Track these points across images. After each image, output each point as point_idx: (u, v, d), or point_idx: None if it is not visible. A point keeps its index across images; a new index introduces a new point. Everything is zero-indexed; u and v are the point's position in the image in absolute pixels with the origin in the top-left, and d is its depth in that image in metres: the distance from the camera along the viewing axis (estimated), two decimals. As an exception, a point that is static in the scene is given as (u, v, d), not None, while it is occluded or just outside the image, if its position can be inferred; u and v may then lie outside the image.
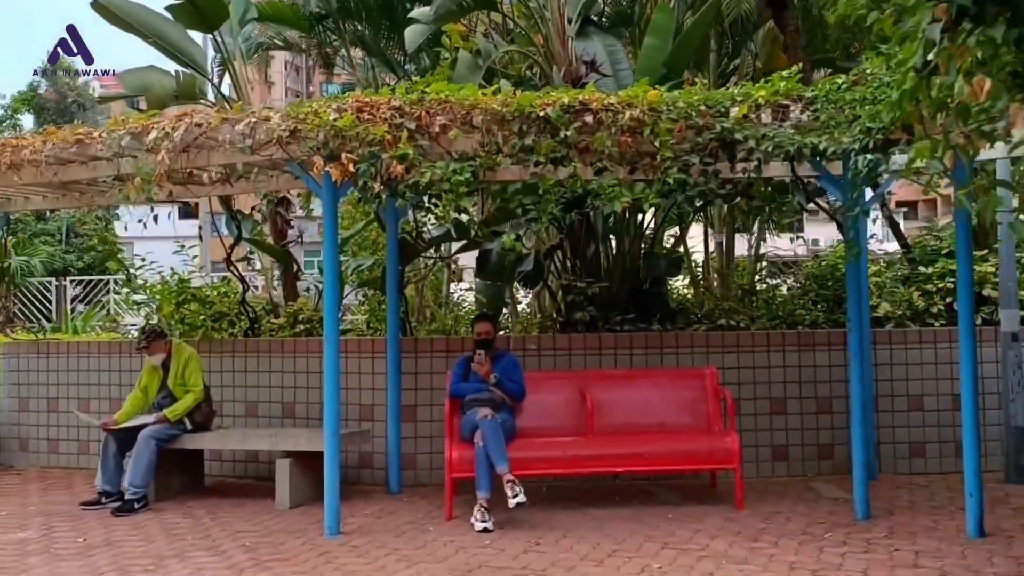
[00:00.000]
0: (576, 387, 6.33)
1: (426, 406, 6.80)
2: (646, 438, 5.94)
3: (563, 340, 6.87)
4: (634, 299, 7.42)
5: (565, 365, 6.82)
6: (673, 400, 6.38)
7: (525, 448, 5.77)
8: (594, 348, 6.85)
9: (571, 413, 6.27)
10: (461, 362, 6.19)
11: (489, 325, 6.18)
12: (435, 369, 6.80)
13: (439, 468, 6.34)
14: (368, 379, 6.92)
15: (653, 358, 6.84)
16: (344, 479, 6.77)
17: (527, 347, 6.83)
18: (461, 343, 6.84)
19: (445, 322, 7.50)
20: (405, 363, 6.77)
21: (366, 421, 6.88)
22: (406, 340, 6.88)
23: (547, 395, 6.33)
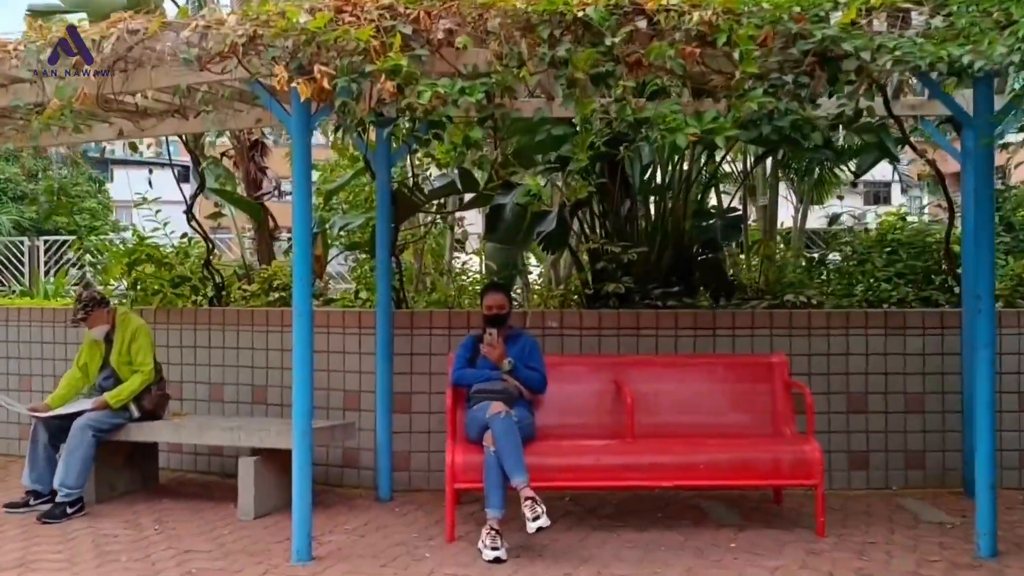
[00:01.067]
0: (610, 376, 5.15)
1: (423, 394, 5.62)
2: (701, 443, 4.76)
3: (592, 317, 5.67)
4: (679, 268, 6.21)
5: (594, 348, 5.63)
6: (733, 394, 5.20)
7: (547, 453, 4.60)
8: (630, 328, 5.65)
9: (604, 409, 5.09)
10: (467, 343, 4.99)
11: (503, 297, 4.98)
12: (435, 349, 5.61)
13: (439, 470, 5.18)
14: (354, 360, 5.74)
15: (703, 342, 5.64)
16: (323, 480, 5.65)
17: (547, 325, 5.63)
18: (467, 319, 5.65)
19: (447, 293, 6.29)
20: (398, 342, 5.59)
21: (351, 411, 5.71)
22: (400, 314, 5.68)
23: (574, 386, 5.15)
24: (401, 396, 5.62)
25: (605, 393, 5.13)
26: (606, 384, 5.15)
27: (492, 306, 4.93)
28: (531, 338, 5.07)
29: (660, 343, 5.66)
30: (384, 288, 5.47)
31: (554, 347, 5.59)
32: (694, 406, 5.16)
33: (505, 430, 4.40)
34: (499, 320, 4.92)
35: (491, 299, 4.96)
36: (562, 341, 5.64)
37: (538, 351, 5.00)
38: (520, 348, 4.95)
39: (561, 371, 5.14)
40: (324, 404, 5.78)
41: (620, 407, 5.01)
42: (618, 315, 5.70)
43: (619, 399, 5.07)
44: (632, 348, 5.65)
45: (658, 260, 6.20)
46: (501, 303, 4.94)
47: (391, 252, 5.50)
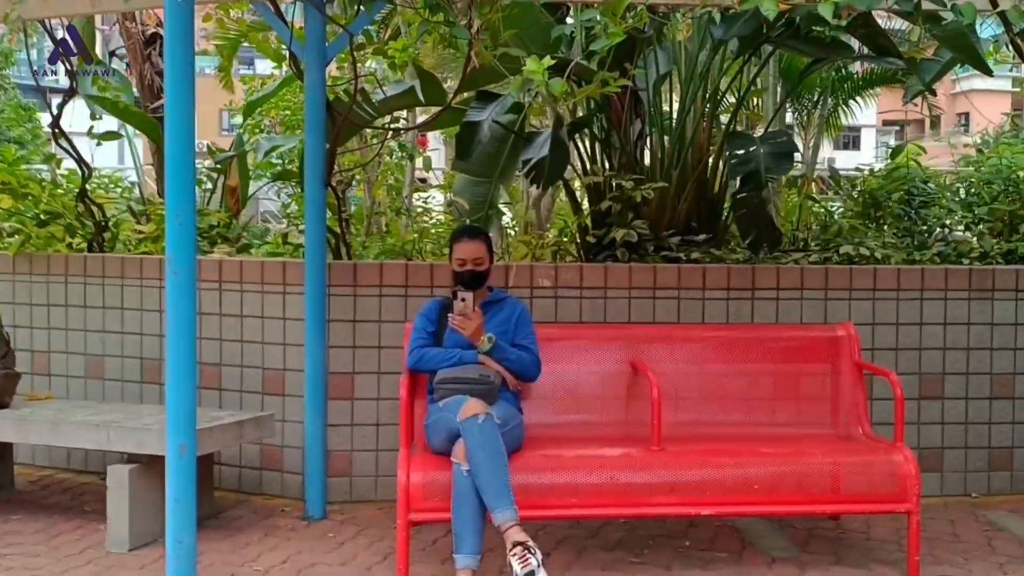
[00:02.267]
0: (624, 355, 3.87)
1: (369, 375, 4.27)
2: (752, 453, 3.51)
3: (595, 274, 4.33)
4: (703, 210, 4.89)
5: (598, 314, 4.32)
6: (786, 381, 3.96)
7: (542, 468, 3.32)
8: (644, 288, 4.35)
9: (617, 402, 3.83)
10: (430, 310, 3.65)
11: (481, 247, 3.61)
12: (387, 315, 4.26)
13: (390, 475, 3.89)
14: (276, 328, 4.35)
15: (739, 307, 4.38)
16: (235, 487, 4.33)
17: (536, 284, 4.28)
18: (430, 273, 4.29)
19: (404, 239, 4.88)
20: (337, 304, 4.22)
21: (273, 396, 4.35)
22: (339, 267, 4.29)
23: (576, 368, 3.87)
24: (339, 377, 4.26)
25: (618, 379, 3.84)
26: (619, 366, 3.86)
27: (466, 260, 3.57)
28: (519, 304, 3.72)
29: (683, 308, 4.37)
30: (316, 231, 4.06)
31: (545, 313, 4.27)
32: (735, 397, 3.91)
33: (484, 441, 3.09)
34: (476, 280, 3.57)
35: (465, 249, 3.59)
36: (556, 305, 4.31)
37: (529, 322, 3.67)
38: (504, 319, 3.62)
39: (558, 348, 3.83)
40: (236, 386, 4.41)
41: (638, 399, 3.74)
42: (629, 271, 4.37)
43: (636, 387, 3.79)
44: (647, 314, 4.34)
45: (676, 199, 4.85)
46: (479, 256, 3.58)
47: (326, 182, 4.08)
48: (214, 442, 3.72)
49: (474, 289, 3.56)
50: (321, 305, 4.10)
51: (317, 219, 4.06)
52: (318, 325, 4.09)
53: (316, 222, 4.06)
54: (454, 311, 3.47)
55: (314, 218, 4.06)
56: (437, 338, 3.60)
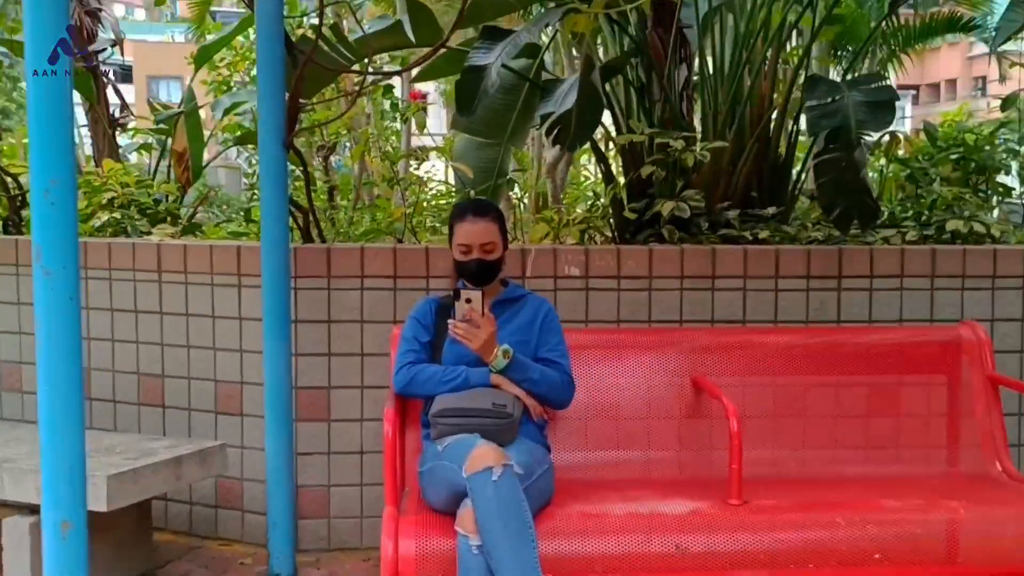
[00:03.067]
0: (682, 367, 2.97)
1: (350, 389, 3.37)
2: (866, 502, 2.58)
3: (636, 259, 3.41)
4: (768, 176, 3.96)
5: (640, 311, 3.39)
6: (895, 399, 3.03)
7: (582, 532, 2.46)
8: (700, 276, 3.43)
9: (673, 431, 2.90)
10: (426, 311, 2.76)
11: (492, 227, 2.68)
12: (371, 312, 3.36)
13: (378, 515, 3.01)
14: (230, 330, 3.44)
15: (821, 300, 3.45)
16: (186, 530, 3.42)
17: (561, 273, 3.36)
18: (424, 259, 3.36)
19: (394, 215, 3.93)
20: (306, 300, 3.31)
21: (229, 416, 3.44)
22: (307, 252, 3.36)
23: (616, 386, 2.97)
24: (310, 394, 3.35)
25: (672, 400, 2.93)
26: (674, 383, 2.95)
27: (471, 245, 2.64)
28: (543, 303, 2.79)
29: (750, 303, 3.44)
30: (273, 204, 3.13)
31: (573, 311, 3.35)
32: (825, 424, 2.99)
33: (502, 505, 2.19)
34: (485, 272, 2.65)
35: (470, 231, 2.66)
36: (586, 301, 3.39)
37: (558, 329, 2.74)
38: (524, 323, 2.70)
39: (591, 359, 2.93)
40: (182, 403, 3.51)
41: (701, 427, 2.83)
42: (680, 255, 3.43)
43: (698, 412, 2.88)
44: (703, 311, 3.42)
45: (732, 163, 3.91)
46: (489, 239, 2.65)
47: (284, 142, 3.13)
48: (140, 489, 2.82)
49: (483, 285, 2.64)
50: (282, 301, 3.17)
51: (274, 189, 3.13)
52: (279, 327, 3.17)
53: (273, 193, 3.13)
54: (456, 315, 2.55)
55: (271, 188, 3.13)
56: (434, 350, 2.68)
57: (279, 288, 3.18)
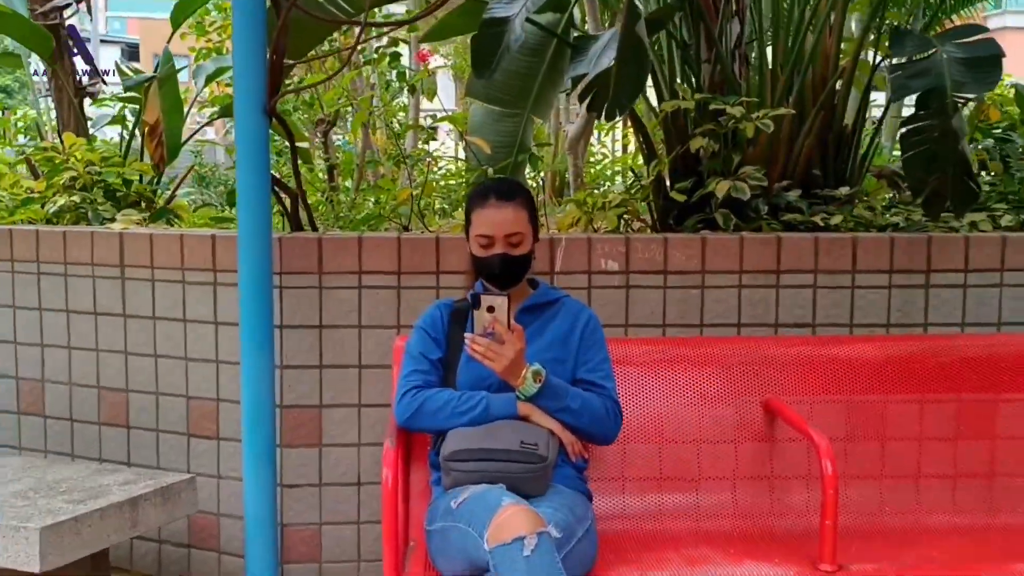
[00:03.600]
0: (746, 384, 2.40)
1: (346, 408, 2.85)
2: (997, 567, 2.02)
3: (687, 250, 2.86)
4: (833, 151, 3.41)
5: (690, 316, 2.83)
6: (1008, 424, 2.46)
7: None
8: (762, 269, 2.89)
9: (745, 470, 2.34)
10: (436, 318, 2.25)
11: (520, 214, 2.13)
12: (370, 316, 2.85)
13: (375, 559, 2.49)
14: (204, 337, 2.93)
15: (906, 298, 2.92)
16: (154, 570, 2.91)
17: (596, 267, 2.81)
18: (435, 252, 2.81)
19: (399, 198, 3.36)
20: (293, 301, 2.79)
21: (203, 439, 2.92)
22: (294, 243, 2.82)
23: (667, 410, 2.41)
24: (299, 413, 2.81)
25: (740, 430, 2.37)
26: (742, 406, 2.39)
27: (494, 236, 2.10)
28: (583, 309, 2.25)
29: (821, 302, 2.89)
30: (252, 186, 2.58)
31: (610, 313, 2.80)
32: (940, 454, 2.43)
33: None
34: (511, 270, 2.11)
35: (493, 219, 2.13)
36: (626, 301, 2.83)
37: (601, 342, 2.19)
38: (559, 336, 2.16)
39: (635, 375, 2.41)
40: (149, 423, 3.00)
41: (780, 466, 2.28)
42: (740, 244, 2.88)
43: (771, 442, 2.32)
44: (765, 312, 2.88)
45: (791, 135, 3.34)
46: (516, 229, 2.11)
47: (266, 108, 2.58)
48: (83, 542, 2.29)
49: (508, 287, 2.10)
50: (263, 302, 2.63)
51: (253, 166, 2.58)
52: (259, 333, 2.63)
53: (252, 170, 2.58)
54: (475, 326, 2.00)
55: (249, 164, 2.58)
56: (446, 370, 2.14)
57: (259, 286, 2.63)
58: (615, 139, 11.52)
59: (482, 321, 1.97)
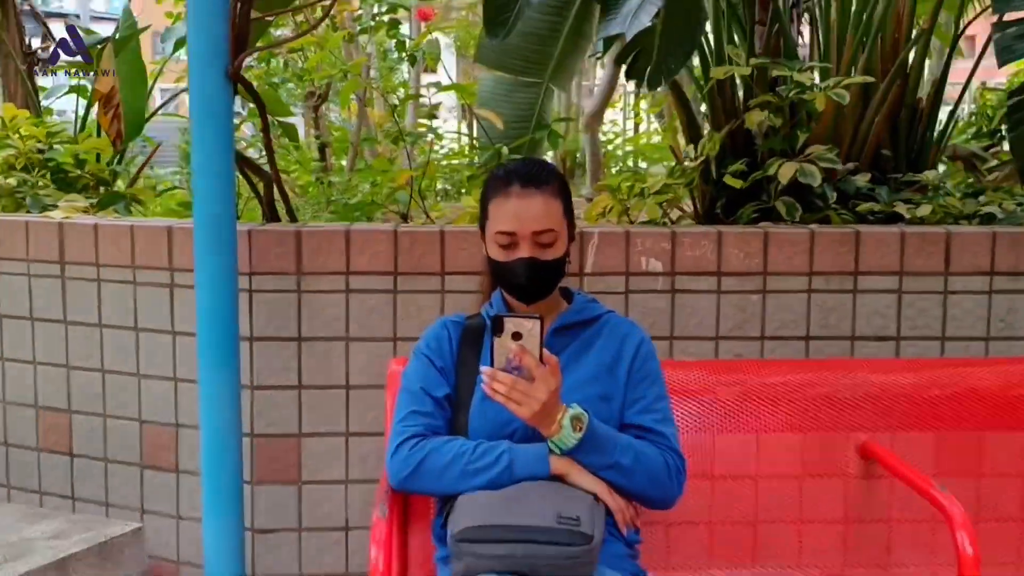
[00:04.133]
0: (834, 420, 1.84)
1: (332, 437, 2.35)
2: None
3: (745, 247, 2.34)
4: (905, 129, 2.90)
5: (750, 328, 2.31)
6: None
7: None
8: (836, 271, 2.36)
9: (838, 537, 1.81)
10: (441, 341, 1.75)
11: (553, 205, 1.62)
12: (361, 327, 2.31)
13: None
14: (161, 349, 2.43)
15: (1007, 305, 2.35)
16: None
17: (635, 268, 2.28)
18: (439, 252, 2.29)
19: (396, 181, 2.82)
20: (266, 310, 2.27)
21: (161, 472, 2.40)
22: (266, 236, 2.28)
23: (733, 456, 1.86)
24: (273, 444, 2.31)
25: (830, 483, 1.85)
26: (830, 449, 1.86)
27: (518, 235, 1.59)
28: (633, 330, 1.72)
29: (907, 311, 2.37)
30: (212, 165, 2.05)
31: (654, 325, 2.29)
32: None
33: None
34: (542, 279, 1.59)
35: (519, 210, 1.61)
36: (671, 309, 2.32)
37: (656, 374, 1.66)
38: (604, 366, 1.65)
39: (691, 410, 1.87)
40: (96, 451, 2.50)
41: (879, 530, 1.76)
42: (810, 240, 2.34)
43: (872, 500, 1.81)
44: (839, 323, 2.35)
45: (859, 111, 2.82)
46: (548, 224, 1.60)
47: (231, 72, 2.05)
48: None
49: (537, 301, 1.58)
50: (227, 309, 2.12)
51: (212, 141, 2.06)
52: (222, 347, 2.13)
53: (212, 147, 2.06)
54: (494, 356, 1.47)
55: (208, 139, 2.06)
56: (455, 411, 1.62)
57: (221, 290, 2.12)
58: (627, 116, 10.93)
59: (505, 351, 1.45)
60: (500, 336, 1.44)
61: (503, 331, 1.44)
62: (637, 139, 9.79)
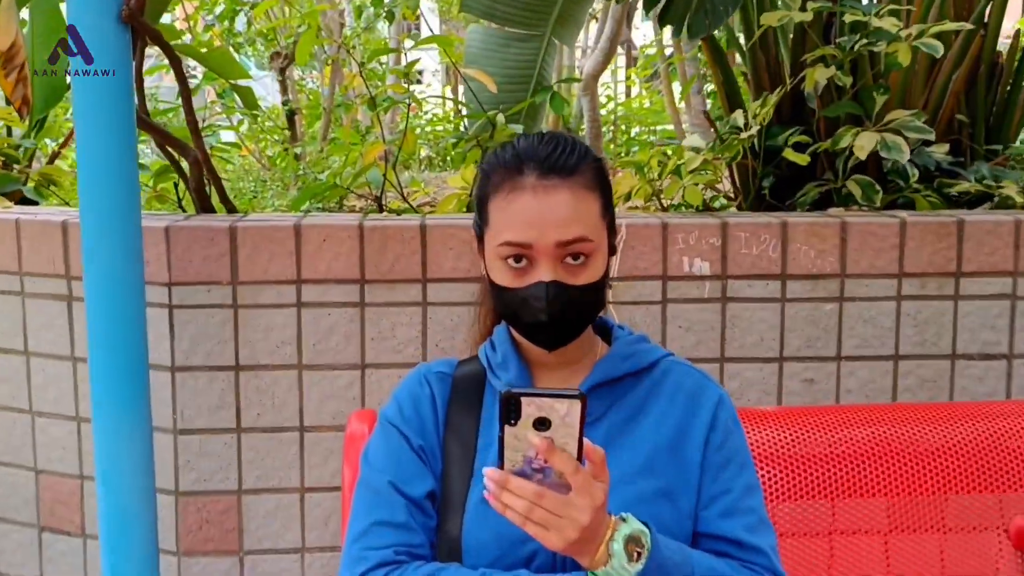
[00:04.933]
0: (972, 481, 1.27)
1: (282, 493, 1.79)
2: None
3: (815, 240, 1.75)
4: (990, 94, 2.32)
5: (822, 344, 1.75)
6: None
7: None
8: (933, 273, 1.77)
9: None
10: (420, 401, 1.15)
11: (588, 198, 1.04)
12: (316, 353, 1.76)
13: None
14: (60, 380, 1.79)
15: None
16: None
17: (676, 271, 1.70)
18: (419, 243, 1.68)
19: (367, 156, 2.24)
20: (192, 330, 1.71)
21: (60, 536, 1.82)
22: (190, 233, 1.69)
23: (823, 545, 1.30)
24: (206, 504, 1.75)
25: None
26: (969, 531, 1.30)
27: (534, 248, 1.05)
28: (701, 384, 1.13)
29: (1021, 324, 1.79)
30: (102, 139, 1.45)
31: (700, 340, 1.73)
32: None
33: None
34: (569, 316, 1.04)
35: (534, 214, 1.05)
36: (723, 320, 1.76)
37: (741, 451, 1.08)
38: (665, 444, 1.08)
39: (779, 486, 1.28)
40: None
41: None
42: (900, 230, 1.78)
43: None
44: (939, 339, 1.79)
45: (931, 74, 2.25)
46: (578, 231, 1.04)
47: (125, 15, 1.44)
48: None
49: (563, 344, 1.04)
50: (132, 330, 1.56)
51: (103, 105, 1.46)
52: (125, 380, 1.56)
53: (100, 113, 1.46)
54: (502, 451, 0.89)
55: (93, 104, 1.46)
56: (442, 513, 1.04)
57: (122, 305, 1.55)
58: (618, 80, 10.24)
59: (522, 445, 0.88)
60: (515, 425, 0.87)
61: (517, 417, 0.87)
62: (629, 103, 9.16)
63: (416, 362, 1.74)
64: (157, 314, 1.71)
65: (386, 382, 1.74)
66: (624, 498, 1.01)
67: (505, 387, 1.02)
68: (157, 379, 1.72)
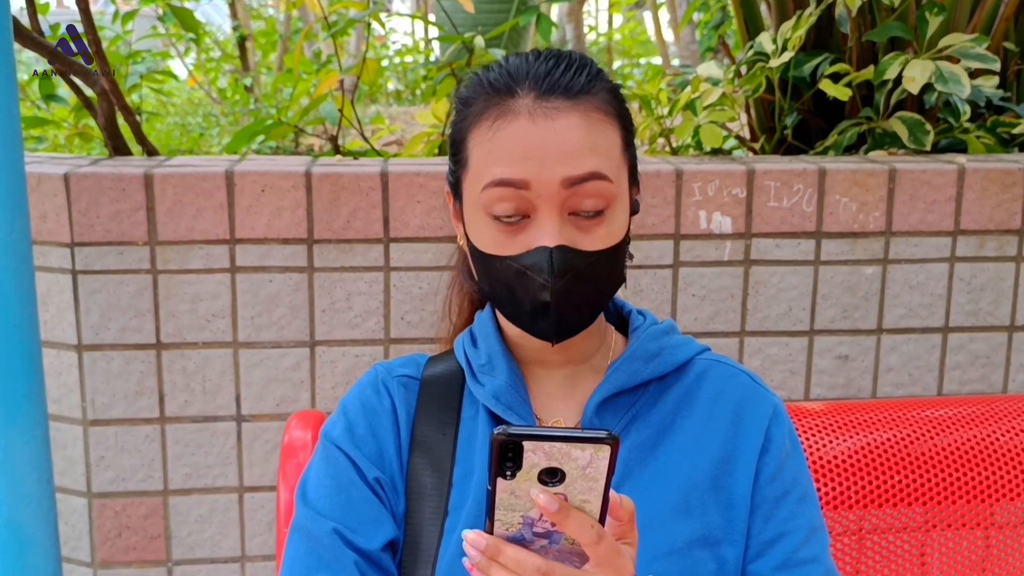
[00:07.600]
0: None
1: (216, 494, 1.53)
2: None
3: (857, 190, 1.46)
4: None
5: (860, 313, 1.51)
6: None
7: None
8: (992, 229, 1.54)
9: None
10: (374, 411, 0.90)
11: (607, 128, 0.81)
12: (253, 329, 1.48)
13: None
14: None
15: None
16: None
17: (692, 229, 1.43)
18: (380, 194, 1.39)
19: (321, 86, 1.94)
20: (102, 302, 1.41)
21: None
22: (98, 181, 1.39)
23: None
24: (125, 507, 1.50)
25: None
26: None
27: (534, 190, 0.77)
28: (748, 390, 0.87)
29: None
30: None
31: (720, 310, 1.46)
32: None
33: None
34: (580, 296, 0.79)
35: (532, 147, 0.77)
36: (744, 286, 1.50)
37: (801, 473, 0.83)
38: (703, 478, 0.82)
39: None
40: None
41: None
42: (958, 179, 1.52)
43: None
44: (995, 305, 1.54)
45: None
46: (593, 166, 0.76)
47: None
48: None
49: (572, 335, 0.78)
50: (18, 299, 1.26)
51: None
52: (12, 359, 1.27)
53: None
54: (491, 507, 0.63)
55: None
56: (404, 566, 0.78)
57: (7, 269, 1.26)
58: (599, 8, 9.84)
59: (520, 503, 0.62)
60: (511, 478, 0.61)
61: (520, 467, 0.60)
62: (611, 33, 8.79)
63: (377, 339, 1.47)
64: (57, 281, 1.43)
65: (340, 362, 1.47)
66: (651, 548, 0.77)
67: (491, 399, 0.77)
68: (60, 360, 1.44)
